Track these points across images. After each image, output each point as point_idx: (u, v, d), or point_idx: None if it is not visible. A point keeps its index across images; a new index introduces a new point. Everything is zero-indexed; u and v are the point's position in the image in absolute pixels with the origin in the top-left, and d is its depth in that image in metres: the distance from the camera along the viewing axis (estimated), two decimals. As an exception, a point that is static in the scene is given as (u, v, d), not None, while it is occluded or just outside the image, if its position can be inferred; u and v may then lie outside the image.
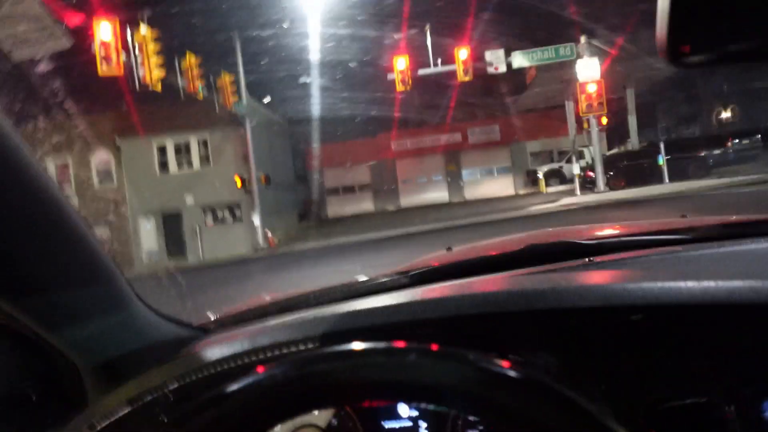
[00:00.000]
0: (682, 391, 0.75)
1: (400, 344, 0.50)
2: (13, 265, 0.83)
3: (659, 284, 0.82)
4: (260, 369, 0.49)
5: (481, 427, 0.86)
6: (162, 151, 21.80)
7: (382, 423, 0.90)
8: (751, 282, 0.78)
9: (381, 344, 0.50)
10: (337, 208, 31.14)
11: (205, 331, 1.08)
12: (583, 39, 18.61)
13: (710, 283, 0.79)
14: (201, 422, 0.47)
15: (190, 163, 22.01)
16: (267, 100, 24.91)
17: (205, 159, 21.92)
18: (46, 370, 1.00)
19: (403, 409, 0.90)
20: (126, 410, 0.84)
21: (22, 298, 0.86)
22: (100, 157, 21.19)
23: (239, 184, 19.74)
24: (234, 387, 0.48)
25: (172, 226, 21.41)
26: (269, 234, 19.33)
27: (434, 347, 0.49)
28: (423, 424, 0.89)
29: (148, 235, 21.31)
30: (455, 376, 0.46)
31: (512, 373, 0.47)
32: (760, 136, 21.47)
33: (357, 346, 0.50)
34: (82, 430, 0.85)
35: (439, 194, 30.90)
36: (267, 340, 0.88)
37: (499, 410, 0.46)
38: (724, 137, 21.89)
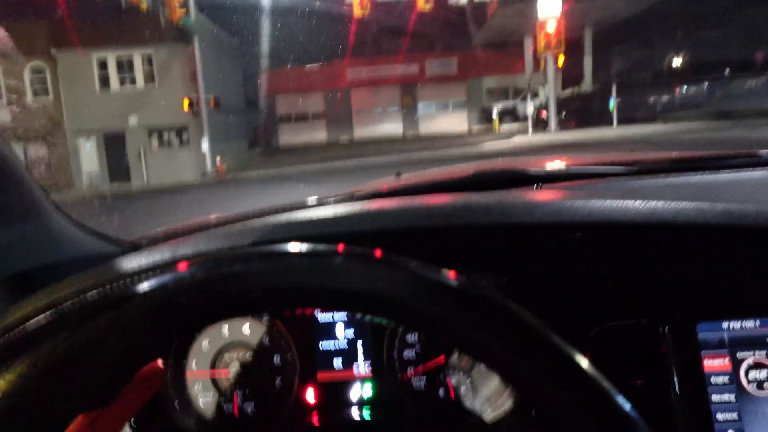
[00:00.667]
0: (619, 313, 0.76)
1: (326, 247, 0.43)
2: None
3: (607, 203, 0.80)
4: (165, 272, 0.41)
5: (418, 348, 0.84)
6: (102, 65, 20.50)
7: (318, 343, 0.86)
8: (698, 204, 0.78)
9: (304, 246, 0.43)
10: (289, 136, 30.50)
11: (136, 247, 0.99)
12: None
13: (658, 203, 0.78)
14: (101, 325, 0.41)
15: (133, 81, 20.85)
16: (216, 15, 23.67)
17: (149, 77, 20.80)
18: None
19: (339, 330, 0.86)
20: (21, 324, 0.76)
21: None
22: (34, 67, 19.79)
23: (186, 106, 18.92)
24: (136, 289, 0.40)
25: (114, 148, 20.50)
26: (218, 160, 18.81)
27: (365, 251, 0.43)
28: (359, 344, 0.86)
29: (89, 156, 20.39)
30: (387, 283, 0.41)
31: (451, 282, 0.41)
32: (706, 84, 22.04)
33: (277, 247, 0.43)
34: None
35: (393, 126, 30.66)
36: (190, 250, 0.80)
37: (435, 321, 0.41)
38: (674, 84, 22.37)
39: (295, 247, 0.43)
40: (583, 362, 0.39)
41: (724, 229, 0.78)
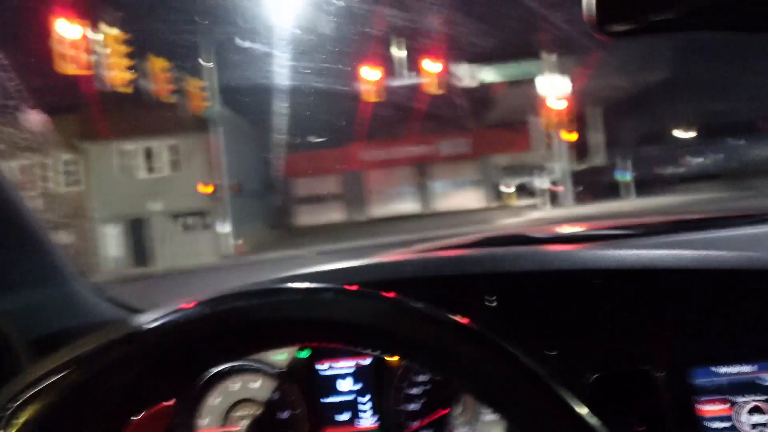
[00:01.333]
0: (616, 359, 0.77)
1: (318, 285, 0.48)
2: None
3: (604, 252, 0.83)
4: (170, 312, 0.46)
5: (423, 400, 0.86)
6: (130, 155, 21.39)
7: (325, 397, 0.88)
8: (694, 252, 0.81)
9: (297, 284, 0.48)
10: (307, 217, 30.90)
11: None
12: (552, 57, 18.98)
13: (653, 252, 0.82)
14: (111, 358, 0.44)
15: (159, 169, 21.65)
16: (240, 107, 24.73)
17: (174, 165, 21.59)
18: None
19: (345, 384, 0.88)
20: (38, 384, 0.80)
21: None
22: (66, 159, 20.67)
23: (210, 190, 19.45)
24: (145, 326, 0.45)
25: (138, 232, 20.96)
26: (238, 242, 19.07)
27: (353, 288, 0.48)
28: (364, 398, 0.88)
29: (113, 241, 20.82)
30: (372, 314, 0.45)
31: (430, 312, 0.46)
32: (722, 155, 22.15)
33: (275, 286, 0.48)
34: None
35: (409, 205, 30.96)
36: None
37: (416, 348, 0.45)
38: (687, 155, 22.52)
39: (289, 285, 0.48)
40: (582, 410, 0.42)
41: (718, 275, 0.81)
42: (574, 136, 21.36)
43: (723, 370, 0.78)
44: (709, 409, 0.77)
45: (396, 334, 0.46)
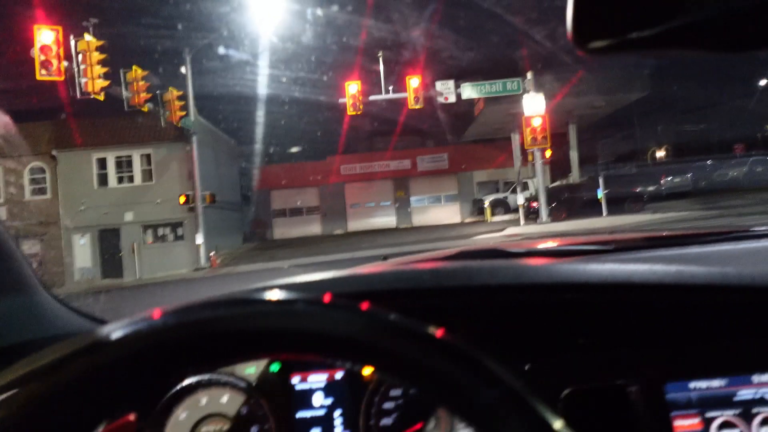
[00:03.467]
0: (589, 374, 0.77)
1: (289, 296, 0.47)
2: None
3: (577, 266, 0.83)
4: (136, 321, 0.44)
5: (395, 416, 0.84)
6: (102, 163, 21.02)
7: (294, 413, 0.86)
8: (665, 266, 0.82)
9: (268, 294, 0.46)
10: (283, 229, 30.76)
11: None
12: (529, 75, 19.31)
13: (627, 266, 0.82)
14: (74, 369, 0.42)
15: (131, 179, 21.31)
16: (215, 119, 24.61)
17: (147, 174, 21.28)
18: None
19: (317, 398, 0.86)
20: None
21: None
22: (34, 167, 20.25)
23: (183, 201, 19.21)
24: (109, 336, 0.43)
25: (108, 243, 20.56)
26: (212, 254, 18.84)
27: (325, 298, 0.47)
28: (336, 413, 0.86)
29: (82, 251, 20.38)
30: (346, 325, 0.44)
31: (404, 323, 0.44)
32: (690, 174, 22.72)
33: (244, 296, 0.47)
34: None
35: (387, 219, 31.04)
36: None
37: (390, 360, 0.44)
38: (658, 174, 23.07)
39: (261, 295, 0.46)
40: (558, 424, 0.41)
41: (692, 290, 0.81)
42: (549, 153, 21.71)
43: (694, 384, 0.79)
44: (681, 423, 0.77)
45: (370, 345, 0.44)
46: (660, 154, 29.47)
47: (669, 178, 22.74)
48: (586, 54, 0.50)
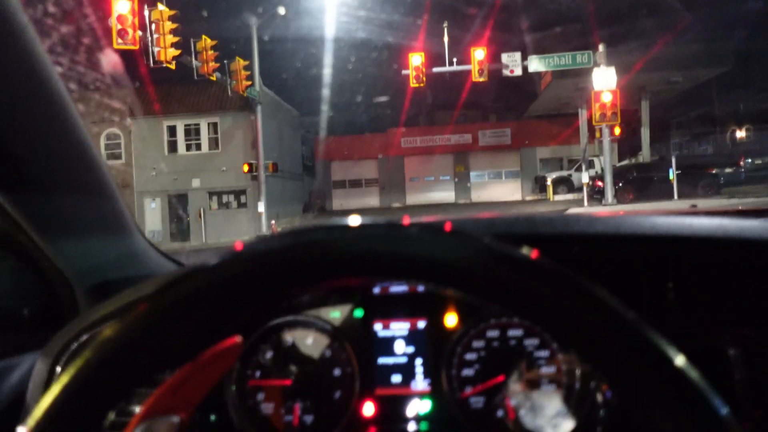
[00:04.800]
0: (688, 337, 0.73)
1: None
2: (21, 163, 0.84)
3: (677, 219, 0.79)
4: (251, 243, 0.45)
5: (477, 367, 0.83)
6: (172, 131, 21.83)
7: (376, 358, 0.86)
8: (764, 221, 0.77)
9: (381, 219, 0.46)
10: (342, 200, 31.09)
11: None
12: (601, 47, 18.47)
13: (723, 220, 0.77)
14: (186, 289, 0.43)
15: (198, 146, 22.03)
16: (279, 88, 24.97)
17: (213, 142, 21.94)
18: (43, 291, 1.00)
19: (399, 346, 0.86)
20: (101, 323, 0.81)
21: (25, 197, 0.86)
22: (110, 134, 21.24)
23: (246, 170, 19.70)
24: (219, 261, 0.44)
25: (176, 208, 21.45)
26: (273, 222, 19.30)
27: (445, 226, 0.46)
28: (418, 361, 0.85)
29: (153, 215, 21.35)
30: (460, 252, 0.43)
31: (522, 255, 0.43)
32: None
33: (355, 221, 0.47)
34: (60, 346, 0.82)
35: (445, 194, 30.83)
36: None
37: (507, 292, 0.42)
38: (737, 156, 21.74)
39: (360, 220, 0.46)
40: (680, 360, 0.39)
41: None
42: (618, 130, 20.86)
43: None
44: None
45: (483, 273, 0.43)
46: (740, 134, 27.73)
47: (749, 160, 21.39)
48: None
